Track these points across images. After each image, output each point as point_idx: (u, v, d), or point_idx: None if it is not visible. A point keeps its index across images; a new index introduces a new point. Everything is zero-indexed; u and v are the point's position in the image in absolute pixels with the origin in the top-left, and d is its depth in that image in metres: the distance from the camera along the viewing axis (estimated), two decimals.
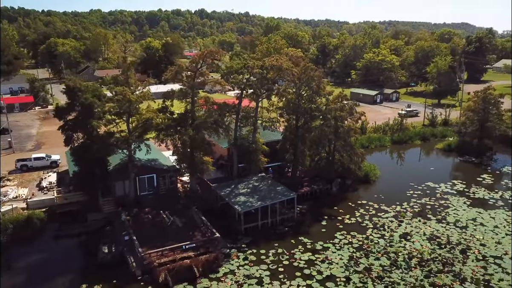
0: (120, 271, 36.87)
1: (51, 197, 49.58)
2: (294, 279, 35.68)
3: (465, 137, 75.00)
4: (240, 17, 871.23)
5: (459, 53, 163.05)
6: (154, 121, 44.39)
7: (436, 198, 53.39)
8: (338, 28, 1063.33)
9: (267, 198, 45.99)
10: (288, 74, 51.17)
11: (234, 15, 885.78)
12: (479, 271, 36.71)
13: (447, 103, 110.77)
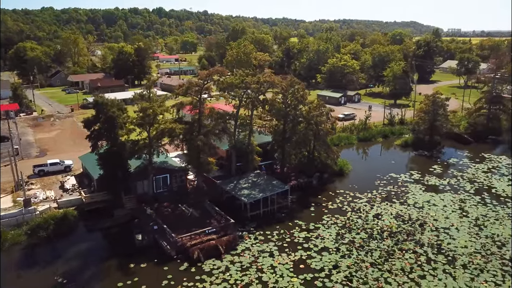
0: (157, 253, 45.69)
1: (78, 197, 57.08)
2: (297, 251, 46.05)
3: (418, 134, 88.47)
4: (198, 16, 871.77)
5: (410, 56, 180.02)
6: (177, 130, 53.00)
7: (398, 186, 65.67)
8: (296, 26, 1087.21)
9: (266, 190, 56.12)
10: (278, 87, 61.34)
11: (193, 13, 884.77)
12: (433, 238, 48.68)
13: (402, 103, 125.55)
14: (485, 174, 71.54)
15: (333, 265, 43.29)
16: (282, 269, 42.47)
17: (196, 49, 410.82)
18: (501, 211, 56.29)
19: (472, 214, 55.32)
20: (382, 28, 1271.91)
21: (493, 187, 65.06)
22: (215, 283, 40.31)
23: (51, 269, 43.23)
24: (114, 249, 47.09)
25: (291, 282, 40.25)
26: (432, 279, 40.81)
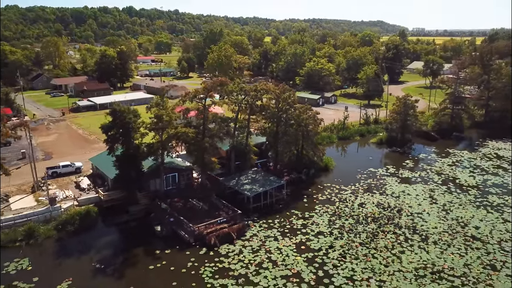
0: (177, 241, 52.72)
1: (95, 195, 63.08)
2: (297, 235, 54.16)
3: (391, 133, 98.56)
4: (170, 15, 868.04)
5: (380, 59, 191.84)
6: (190, 134, 59.86)
7: (377, 179, 74.96)
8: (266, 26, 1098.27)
9: (266, 185, 63.99)
10: (272, 94, 69.22)
11: (164, 12, 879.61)
12: (409, 221, 57.90)
13: (375, 104, 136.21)
14: (450, 167, 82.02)
15: (328, 245, 51.63)
16: (287, 250, 50.47)
17: (170, 49, 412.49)
18: (463, 198, 66.39)
19: (440, 201, 65.11)
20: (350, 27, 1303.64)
21: (457, 178, 75.42)
22: (232, 263, 47.83)
23: (86, 257, 49.55)
24: (137, 239, 53.65)
25: (296, 260, 48.28)
26: (410, 253, 49.81)
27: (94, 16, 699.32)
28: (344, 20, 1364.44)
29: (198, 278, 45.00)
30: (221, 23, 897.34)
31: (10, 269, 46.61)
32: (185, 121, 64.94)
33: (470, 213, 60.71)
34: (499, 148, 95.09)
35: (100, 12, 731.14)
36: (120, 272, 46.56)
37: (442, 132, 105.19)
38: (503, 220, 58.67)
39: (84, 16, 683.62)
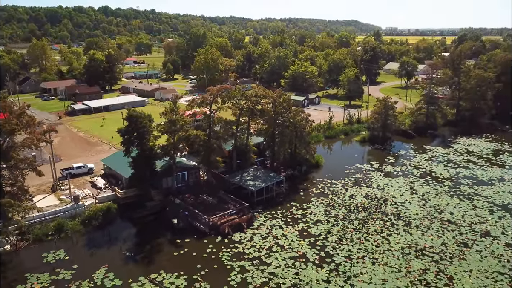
0: (193, 232, 59.57)
1: (112, 193, 69.09)
2: (298, 223, 61.90)
3: (373, 132, 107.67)
4: (146, 15, 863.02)
5: (358, 61, 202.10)
6: (202, 137, 66.60)
7: (363, 173, 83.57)
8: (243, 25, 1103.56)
9: (267, 180, 71.50)
10: (269, 98, 76.71)
11: (140, 12, 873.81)
12: (394, 210, 66.51)
13: (356, 104, 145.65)
14: (427, 161, 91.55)
15: (327, 231, 59.59)
16: (291, 236, 58.14)
17: (151, 50, 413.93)
18: (439, 188, 75.68)
19: (419, 191, 74.18)
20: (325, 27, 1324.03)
21: (433, 171, 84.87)
22: (246, 248, 55.13)
23: (115, 247, 55.91)
24: (157, 231, 60.20)
25: (300, 244, 56.01)
26: (396, 236, 58.28)
27: (69, 16, 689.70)
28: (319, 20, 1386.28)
29: (218, 261, 52.12)
30: (198, 22, 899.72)
31: (50, 259, 52.52)
32: (194, 124, 71.38)
33: (445, 201, 69.91)
34: (469, 144, 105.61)
35: (75, 11, 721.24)
36: (149, 258, 53.17)
37: (418, 130, 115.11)
38: (473, 206, 68.08)
39: (59, 16, 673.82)
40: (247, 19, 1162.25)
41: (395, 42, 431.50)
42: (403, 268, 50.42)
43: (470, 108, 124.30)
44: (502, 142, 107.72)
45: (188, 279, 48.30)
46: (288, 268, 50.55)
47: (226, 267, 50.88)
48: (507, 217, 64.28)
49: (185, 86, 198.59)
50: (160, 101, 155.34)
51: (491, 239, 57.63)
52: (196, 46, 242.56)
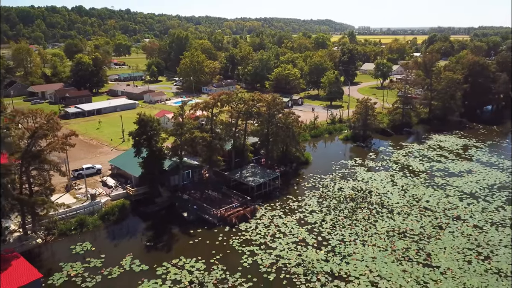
0: (203, 223, 66.64)
1: (123, 191, 75.24)
2: (296, 213, 69.87)
3: (355, 130, 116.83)
4: (121, 15, 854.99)
5: (336, 62, 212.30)
6: (208, 138, 73.51)
7: (348, 169, 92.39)
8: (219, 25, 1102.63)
9: (264, 176, 79.20)
10: (264, 102, 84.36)
11: (115, 12, 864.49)
12: (378, 199, 75.40)
13: (337, 105, 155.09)
14: (404, 157, 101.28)
15: (321, 219, 67.78)
16: (291, 224, 66.06)
17: (130, 51, 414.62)
18: (416, 180, 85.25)
19: (399, 183, 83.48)
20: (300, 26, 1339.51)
21: (410, 165, 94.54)
22: (252, 235, 62.68)
23: (135, 238, 62.46)
24: (170, 223, 66.96)
25: (300, 231, 63.98)
26: (381, 221, 67.03)
27: (42, 16, 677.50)
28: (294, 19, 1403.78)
29: (229, 247, 59.50)
30: (174, 22, 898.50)
31: (78, 250, 58.65)
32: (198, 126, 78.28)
33: (422, 191, 79.37)
34: (441, 141, 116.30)
35: (48, 11, 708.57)
36: (167, 246, 60.04)
37: (395, 128, 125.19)
38: (446, 195, 77.78)
39: (31, 16, 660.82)
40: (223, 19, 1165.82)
41: (369, 43, 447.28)
42: (389, 248, 59.10)
43: (441, 107, 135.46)
44: (470, 138, 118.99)
45: (206, 262, 55.48)
46: (291, 250, 58.44)
47: (237, 252, 58.31)
48: (475, 203, 74.16)
49: (171, 88, 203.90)
50: (149, 104, 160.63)
51: (461, 222, 67.16)
52: (179, 49, 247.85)
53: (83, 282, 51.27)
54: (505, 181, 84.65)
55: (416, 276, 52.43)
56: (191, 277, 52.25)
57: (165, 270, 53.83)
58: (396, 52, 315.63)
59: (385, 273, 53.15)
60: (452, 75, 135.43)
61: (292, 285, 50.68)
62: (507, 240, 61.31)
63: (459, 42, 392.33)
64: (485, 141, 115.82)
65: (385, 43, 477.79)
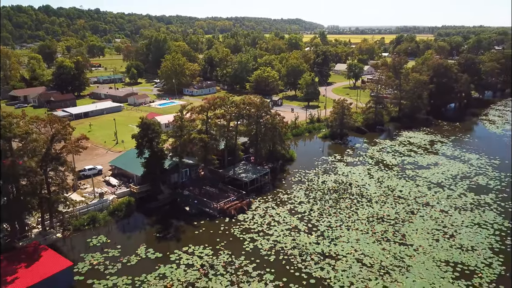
0: (205, 216, 74.04)
1: (127, 189, 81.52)
2: (286, 205, 78.31)
3: (333, 129, 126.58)
4: (91, 14, 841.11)
5: (311, 64, 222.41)
6: (207, 139, 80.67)
7: (329, 164, 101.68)
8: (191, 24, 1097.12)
9: (256, 172, 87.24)
10: (253, 105, 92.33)
11: (84, 11, 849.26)
12: (357, 190, 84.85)
13: (314, 105, 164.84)
14: (378, 152, 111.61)
15: (309, 209, 76.50)
16: (283, 214, 74.43)
17: (103, 52, 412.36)
18: (390, 173, 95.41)
19: (375, 176, 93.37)
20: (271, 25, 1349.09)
21: (384, 160, 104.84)
22: (250, 224, 70.62)
23: (145, 231, 69.25)
24: (175, 217, 73.98)
25: (291, 219, 72.44)
26: (362, 209, 76.37)
27: (7, 16, 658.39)
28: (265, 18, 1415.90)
29: (231, 235, 67.24)
30: (146, 22, 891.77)
31: (95, 243, 64.95)
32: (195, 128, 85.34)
33: (395, 182, 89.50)
34: (410, 137, 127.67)
35: (14, 11, 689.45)
36: (176, 237, 67.18)
37: (369, 126, 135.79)
38: (416, 185, 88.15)
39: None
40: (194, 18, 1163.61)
41: (340, 43, 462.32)
42: (369, 231, 68.39)
43: (410, 106, 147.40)
44: (436, 134, 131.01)
45: (213, 249, 63.05)
46: (286, 236, 66.80)
47: (239, 239, 66.16)
48: (441, 191, 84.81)
49: (152, 90, 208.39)
50: (134, 106, 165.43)
51: (430, 207, 77.43)
52: (157, 51, 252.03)
53: (106, 269, 57.84)
54: (466, 172, 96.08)
55: (394, 253, 61.85)
56: (202, 261, 59.73)
57: (178, 257, 61.04)
58: (365, 53, 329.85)
59: (368, 251, 62.32)
60: (419, 76, 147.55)
61: (290, 265, 59.02)
62: (468, 221, 71.86)
63: (424, 42, 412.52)
64: (449, 137, 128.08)
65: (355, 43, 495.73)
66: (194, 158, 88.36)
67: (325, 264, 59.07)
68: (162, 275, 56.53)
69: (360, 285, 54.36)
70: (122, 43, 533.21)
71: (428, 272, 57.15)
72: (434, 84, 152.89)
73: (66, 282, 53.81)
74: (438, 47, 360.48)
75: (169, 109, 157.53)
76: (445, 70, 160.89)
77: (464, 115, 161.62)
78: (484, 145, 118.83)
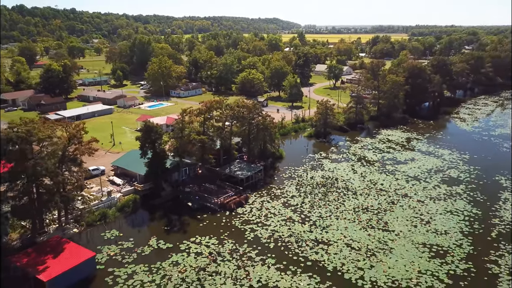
0: (207, 210, 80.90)
1: (131, 188, 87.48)
2: (280, 199, 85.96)
3: (317, 128, 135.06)
4: (66, 14, 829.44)
5: (293, 65, 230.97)
6: (207, 140, 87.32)
7: (316, 161, 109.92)
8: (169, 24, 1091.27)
9: (250, 170, 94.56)
10: (247, 107, 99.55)
11: (59, 11, 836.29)
12: (343, 184, 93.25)
13: (297, 105, 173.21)
14: (360, 149, 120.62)
15: (301, 202, 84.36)
16: (278, 207, 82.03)
17: (83, 53, 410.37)
18: (372, 168, 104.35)
19: (359, 171, 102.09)
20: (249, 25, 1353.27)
21: (366, 156, 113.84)
22: (249, 217, 77.91)
23: (154, 224, 75.67)
24: (179, 212, 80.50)
25: (286, 211, 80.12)
26: (348, 201, 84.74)
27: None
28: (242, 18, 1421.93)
29: (233, 226, 74.41)
30: (123, 22, 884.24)
31: (109, 236, 71.01)
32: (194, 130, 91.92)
33: (377, 177, 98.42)
34: (388, 134, 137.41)
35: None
36: (183, 229, 73.86)
37: (350, 125, 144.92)
38: (395, 179, 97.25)
39: None
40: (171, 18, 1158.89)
41: (318, 43, 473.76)
42: (356, 220, 76.75)
43: (387, 106, 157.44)
44: (412, 132, 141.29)
45: (217, 239, 70.08)
46: (282, 226, 74.42)
47: (240, 229, 73.38)
48: (418, 184, 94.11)
49: (138, 92, 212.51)
50: (124, 108, 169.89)
51: (408, 198, 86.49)
52: (141, 53, 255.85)
53: (123, 259, 64.14)
54: (440, 166, 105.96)
55: (378, 238, 70.30)
56: (209, 250, 66.70)
57: (187, 246, 67.81)
58: (343, 54, 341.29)
59: (355, 237, 70.58)
60: (395, 77, 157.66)
61: (288, 250, 66.66)
62: (441, 209, 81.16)
63: (399, 42, 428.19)
64: (424, 134, 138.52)
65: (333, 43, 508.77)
66: (192, 157, 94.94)
67: (319, 249, 66.97)
68: (175, 262, 63.24)
69: (350, 265, 62.46)
70: (100, 44, 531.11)
71: (408, 253, 65.79)
72: (409, 84, 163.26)
73: (90, 270, 59.87)
74: (412, 47, 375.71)
75: (159, 111, 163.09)
76: (419, 72, 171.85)
77: (437, 113, 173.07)
78: (455, 141, 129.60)
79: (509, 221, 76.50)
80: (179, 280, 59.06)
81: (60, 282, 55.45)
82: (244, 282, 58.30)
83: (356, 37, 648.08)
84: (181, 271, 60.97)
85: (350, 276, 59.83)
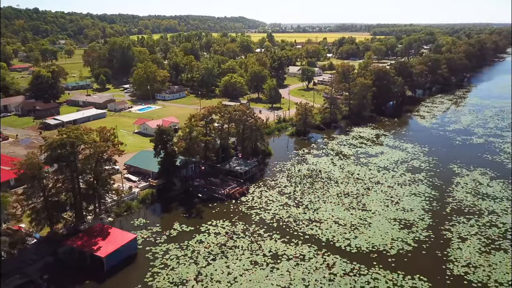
0: (215, 200, 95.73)
1: (147, 183, 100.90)
2: (275, 188, 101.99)
3: (298, 128, 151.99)
4: (29, 14, 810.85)
5: (269, 68, 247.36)
6: (211, 141, 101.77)
7: (300, 156, 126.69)
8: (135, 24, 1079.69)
9: (247, 165, 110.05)
10: (240, 110, 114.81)
11: (22, 11, 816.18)
12: (326, 175, 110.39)
13: (277, 107, 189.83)
14: (337, 145, 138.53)
15: (293, 190, 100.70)
16: (275, 195, 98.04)
17: (56, 56, 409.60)
18: (348, 161, 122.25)
19: (338, 164, 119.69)
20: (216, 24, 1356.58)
21: (342, 151, 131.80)
22: (253, 204, 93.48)
23: (173, 213, 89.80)
24: (191, 202, 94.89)
25: (282, 198, 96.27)
26: (332, 188, 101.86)
27: None
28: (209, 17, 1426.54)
29: (240, 211, 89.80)
30: (89, 22, 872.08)
31: (138, 223, 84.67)
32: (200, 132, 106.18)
33: (353, 168, 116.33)
34: (360, 132, 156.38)
35: None
36: (199, 215, 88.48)
37: (326, 124, 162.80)
38: (369, 169, 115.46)
39: None
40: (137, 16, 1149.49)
41: (286, 43, 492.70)
42: (340, 203, 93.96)
43: (357, 106, 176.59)
44: (379, 129, 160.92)
45: (230, 221, 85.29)
46: (281, 210, 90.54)
47: (247, 214, 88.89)
48: (387, 173, 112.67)
49: (124, 96, 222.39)
50: (115, 112, 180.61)
51: (380, 184, 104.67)
52: (121, 58, 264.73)
53: (156, 240, 78.26)
54: (404, 158, 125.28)
55: (359, 216, 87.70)
56: (225, 230, 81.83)
57: (206, 228, 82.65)
58: (312, 55, 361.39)
59: (341, 216, 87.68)
60: (364, 80, 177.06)
61: (289, 228, 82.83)
62: (407, 192, 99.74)
63: (363, 43, 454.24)
64: (390, 130, 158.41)
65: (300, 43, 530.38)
66: (196, 156, 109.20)
67: (313, 226, 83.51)
68: (199, 241, 78.03)
69: (339, 237, 79.36)
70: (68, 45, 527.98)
71: (383, 226, 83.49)
72: (376, 86, 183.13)
73: (133, 249, 73.64)
74: (376, 48, 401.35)
75: (150, 114, 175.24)
76: (384, 74, 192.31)
77: (401, 111, 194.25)
78: (416, 136, 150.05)
79: (460, 199, 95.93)
80: (206, 253, 73.93)
81: (113, 258, 69.02)
82: (259, 253, 73.96)
83: (322, 37, 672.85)
84: (206, 247, 75.83)
85: (340, 245, 76.69)
